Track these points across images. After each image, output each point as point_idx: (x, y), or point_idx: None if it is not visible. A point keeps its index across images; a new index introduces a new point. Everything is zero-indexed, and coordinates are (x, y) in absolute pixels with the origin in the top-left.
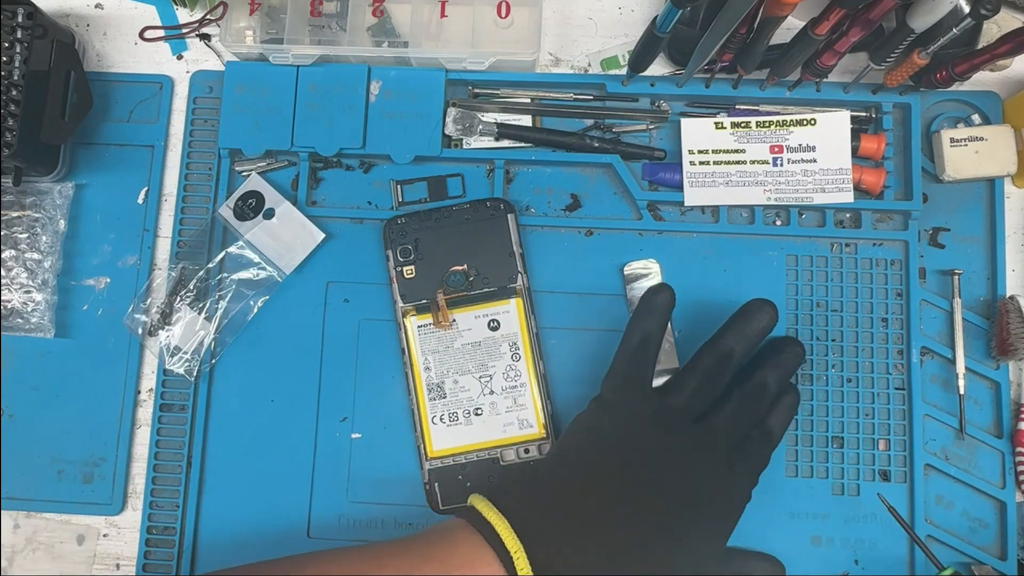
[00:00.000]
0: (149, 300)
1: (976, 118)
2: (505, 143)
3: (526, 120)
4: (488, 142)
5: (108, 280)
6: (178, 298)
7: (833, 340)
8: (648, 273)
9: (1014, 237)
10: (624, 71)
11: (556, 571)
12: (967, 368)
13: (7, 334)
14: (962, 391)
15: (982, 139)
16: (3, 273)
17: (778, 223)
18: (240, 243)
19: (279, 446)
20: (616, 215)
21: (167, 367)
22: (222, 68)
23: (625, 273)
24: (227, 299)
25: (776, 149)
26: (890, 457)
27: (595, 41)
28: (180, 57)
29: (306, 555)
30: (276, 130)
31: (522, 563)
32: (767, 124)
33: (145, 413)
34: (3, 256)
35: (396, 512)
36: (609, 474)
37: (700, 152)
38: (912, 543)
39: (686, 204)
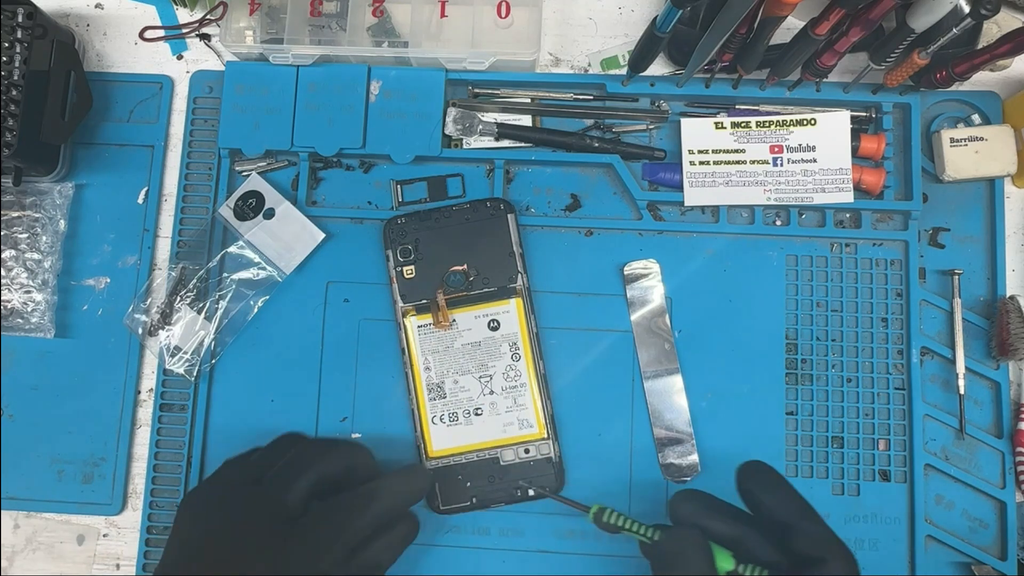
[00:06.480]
0: (149, 300)
1: (976, 118)
2: (505, 143)
3: (526, 120)
4: (488, 142)
5: (108, 280)
6: (178, 298)
7: (833, 340)
8: (648, 273)
9: (1014, 237)
10: (624, 71)
11: None
12: (967, 368)
13: (7, 334)
14: (962, 391)
15: (982, 139)
16: (3, 273)
17: (778, 223)
18: (240, 243)
19: None
20: (616, 215)
21: (167, 367)
22: (222, 68)
23: (625, 273)
24: (227, 299)
25: (776, 149)
26: (890, 457)
27: (595, 41)
28: (180, 57)
29: None
30: (276, 130)
31: None
32: (767, 124)
33: (145, 413)
34: (3, 256)
35: None
36: None
37: (700, 152)
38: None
39: (686, 204)
